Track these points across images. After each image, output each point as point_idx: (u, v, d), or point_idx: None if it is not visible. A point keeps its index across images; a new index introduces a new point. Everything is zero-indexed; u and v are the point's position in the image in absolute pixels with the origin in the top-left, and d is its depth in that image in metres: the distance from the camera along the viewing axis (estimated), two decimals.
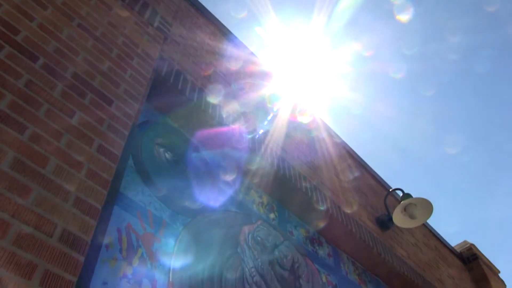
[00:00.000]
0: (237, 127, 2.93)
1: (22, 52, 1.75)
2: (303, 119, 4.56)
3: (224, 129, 2.96)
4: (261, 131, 3.21)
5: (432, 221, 7.52)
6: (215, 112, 3.02)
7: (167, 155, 2.72)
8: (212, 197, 2.84)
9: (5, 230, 1.25)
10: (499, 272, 6.83)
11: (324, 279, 3.40)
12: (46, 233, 1.34)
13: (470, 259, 6.53)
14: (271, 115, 3.57)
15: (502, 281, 6.74)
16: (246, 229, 2.93)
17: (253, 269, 2.73)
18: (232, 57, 3.99)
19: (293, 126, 4.21)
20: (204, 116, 2.95)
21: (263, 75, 4.31)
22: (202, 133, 3.01)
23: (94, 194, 1.60)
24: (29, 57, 1.77)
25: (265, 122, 3.32)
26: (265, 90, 4.16)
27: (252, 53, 4.28)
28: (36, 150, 1.51)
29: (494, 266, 6.79)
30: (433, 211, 4.37)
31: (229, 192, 3.03)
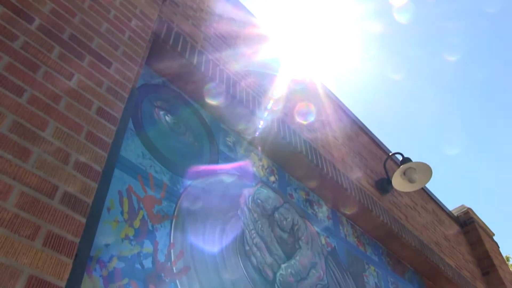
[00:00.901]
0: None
1: (16, 13, 1.71)
2: (304, 82, 4.52)
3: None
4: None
5: (430, 186, 7.59)
6: (215, 74, 2.98)
7: (167, 118, 2.72)
8: (212, 159, 2.85)
9: (7, 192, 1.26)
10: (493, 234, 6.98)
11: (323, 241, 3.47)
12: (48, 195, 1.36)
13: (467, 223, 6.66)
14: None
15: (495, 243, 6.90)
16: (246, 191, 2.97)
17: (253, 231, 2.79)
18: (232, 19, 3.91)
19: (293, 88, 4.17)
20: (204, 78, 2.92)
21: (264, 37, 4.24)
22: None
23: (95, 156, 1.60)
24: (24, 18, 1.73)
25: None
26: (266, 52, 4.10)
27: (252, 15, 4.18)
28: (35, 113, 1.51)
29: (489, 229, 6.93)
30: (432, 175, 4.42)
31: (230, 154, 3.05)
